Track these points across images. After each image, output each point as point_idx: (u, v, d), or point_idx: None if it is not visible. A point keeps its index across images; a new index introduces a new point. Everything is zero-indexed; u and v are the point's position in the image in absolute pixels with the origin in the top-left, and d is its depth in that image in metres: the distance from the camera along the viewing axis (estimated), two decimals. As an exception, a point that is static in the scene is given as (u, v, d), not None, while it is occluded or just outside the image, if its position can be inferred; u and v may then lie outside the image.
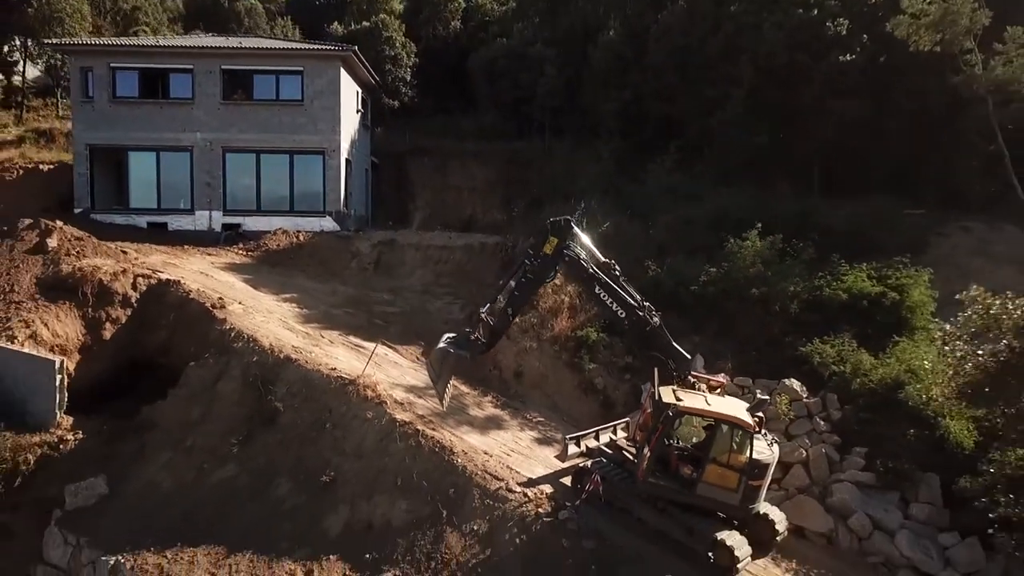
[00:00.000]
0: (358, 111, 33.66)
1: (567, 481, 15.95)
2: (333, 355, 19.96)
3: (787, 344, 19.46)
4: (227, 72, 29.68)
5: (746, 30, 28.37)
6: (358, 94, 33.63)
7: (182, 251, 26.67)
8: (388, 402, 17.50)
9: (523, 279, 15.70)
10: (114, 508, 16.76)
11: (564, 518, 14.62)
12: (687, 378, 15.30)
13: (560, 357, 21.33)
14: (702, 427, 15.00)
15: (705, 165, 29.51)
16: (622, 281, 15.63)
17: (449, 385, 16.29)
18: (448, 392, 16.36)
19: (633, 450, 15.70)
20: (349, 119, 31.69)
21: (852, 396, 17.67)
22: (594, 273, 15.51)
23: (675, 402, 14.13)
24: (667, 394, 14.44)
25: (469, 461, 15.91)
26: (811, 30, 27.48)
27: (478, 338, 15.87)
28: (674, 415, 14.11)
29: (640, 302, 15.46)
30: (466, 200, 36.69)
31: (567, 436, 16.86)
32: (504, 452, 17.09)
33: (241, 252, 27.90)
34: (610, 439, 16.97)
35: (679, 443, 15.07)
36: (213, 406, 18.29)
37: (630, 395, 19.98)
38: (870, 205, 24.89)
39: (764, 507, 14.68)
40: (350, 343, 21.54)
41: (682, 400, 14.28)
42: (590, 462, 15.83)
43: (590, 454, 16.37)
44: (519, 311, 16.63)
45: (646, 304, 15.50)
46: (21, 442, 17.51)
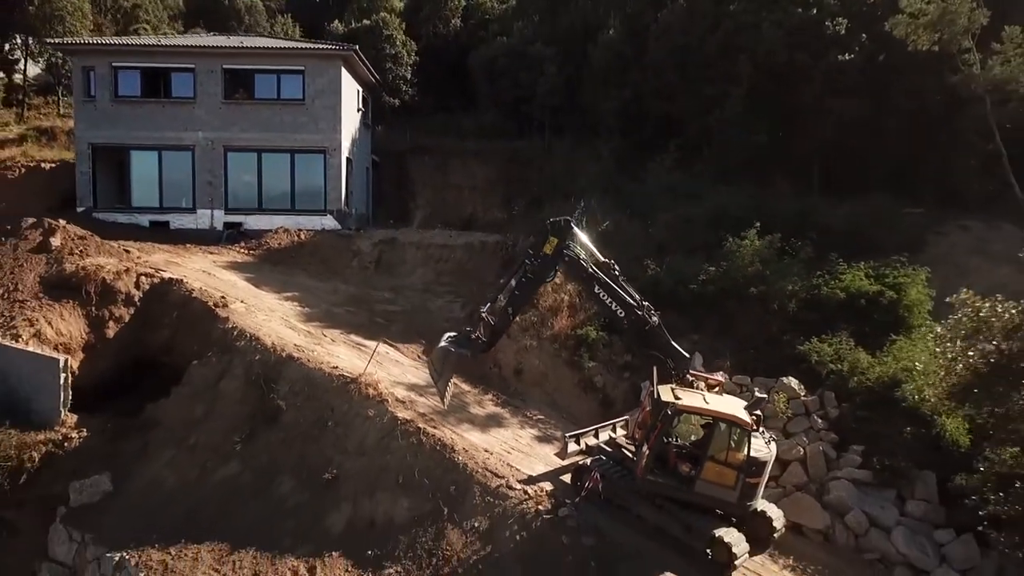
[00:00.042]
0: (359, 110, 33.74)
1: (567, 478, 16.05)
2: (335, 354, 20.07)
3: (785, 343, 19.59)
4: (228, 71, 29.78)
5: (745, 29, 28.40)
6: (359, 93, 33.70)
7: (184, 250, 26.74)
8: (390, 400, 17.60)
9: (523, 279, 15.86)
10: (118, 505, 16.89)
11: (564, 515, 14.72)
12: (686, 377, 15.44)
13: (560, 355, 21.47)
14: (700, 425, 15.11)
15: (705, 164, 29.56)
16: (621, 281, 15.79)
17: (450, 383, 16.45)
18: (449, 390, 16.51)
19: (632, 448, 15.83)
20: (350, 118, 31.78)
21: (849, 394, 17.82)
22: (593, 273, 15.66)
23: (674, 400, 14.25)
24: (666, 393, 14.56)
25: (470, 459, 16.02)
26: (810, 29, 27.56)
27: (479, 337, 16.02)
28: (673, 413, 14.25)
29: (639, 301, 15.61)
30: (467, 199, 36.71)
31: (567, 434, 17.00)
32: (504, 450, 17.19)
33: (243, 251, 27.97)
34: (609, 437, 17.13)
35: (678, 441, 15.19)
36: (216, 404, 18.41)
37: (629, 393, 20.10)
38: (869, 204, 24.95)
39: (762, 504, 14.79)
40: (352, 342, 21.64)
41: (681, 399, 14.40)
42: (590, 460, 15.93)
43: (590, 452, 16.52)
44: (519, 310, 16.79)
45: (645, 303, 15.65)
46: (26, 440, 17.61)
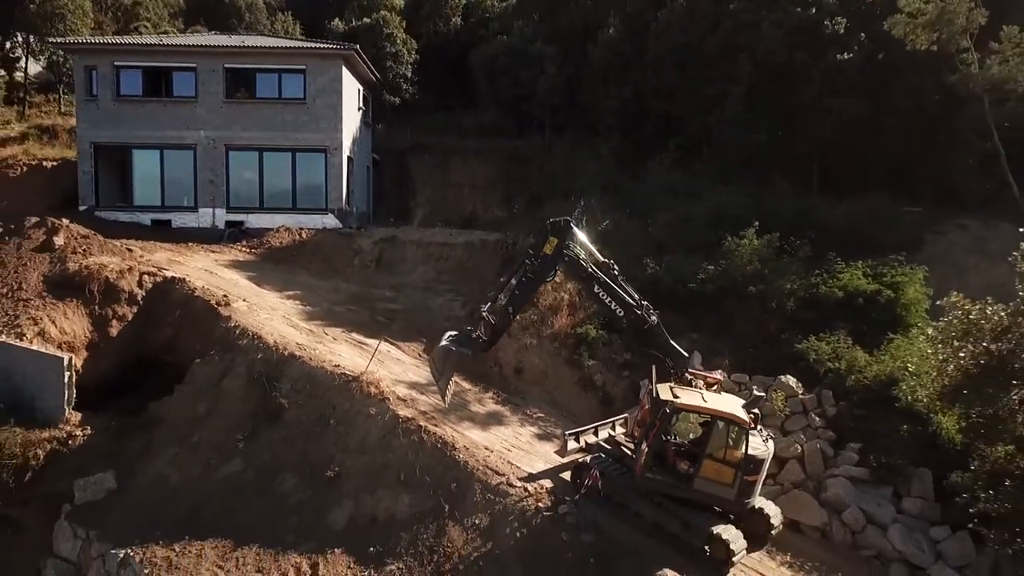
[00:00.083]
0: (359, 108, 33.84)
1: (567, 476, 16.17)
2: (336, 352, 20.20)
3: (783, 341, 19.75)
4: (230, 71, 29.85)
5: (745, 28, 28.50)
6: (359, 92, 33.79)
7: (186, 248, 26.83)
8: (391, 398, 17.74)
9: (524, 278, 15.97)
10: (122, 502, 17.04)
11: (564, 512, 14.86)
12: (684, 375, 15.58)
13: (560, 354, 21.60)
14: (699, 423, 15.24)
15: (704, 163, 29.69)
16: (620, 280, 15.91)
17: (451, 382, 16.56)
18: (450, 389, 16.62)
19: (631, 446, 15.99)
20: (351, 117, 31.88)
21: (847, 392, 17.99)
22: (593, 272, 15.79)
23: (672, 399, 14.39)
24: (664, 391, 14.69)
25: (471, 456, 16.16)
26: (809, 28, 27.66)
27: (479, 336, 16.12)
28: (671, 412, 14.39)
29: (638, 301, 15.74)
30: (467, 197, 36.77)
31: (567, 432, 17.10)
32: (505, 448, 17.33)
33: (244, 249, 28.07)
34: (609, 435, 17.24)
35: (676, 439, 15.32)
36: (219, 402, 18.54)
37: (629, 391, 20.23)
38: (868, 203, 25.07)
39: (759, 502, 14.92)
40: (353, 340, 21.77)
41: (679, 397, 14.54)
42: (589, 457, 16.05)
43: (589, 450, 16.63)
44: (520, 310, 16.91)
45: (644, 303, 15.78)
46: (31, 438, 17.77)
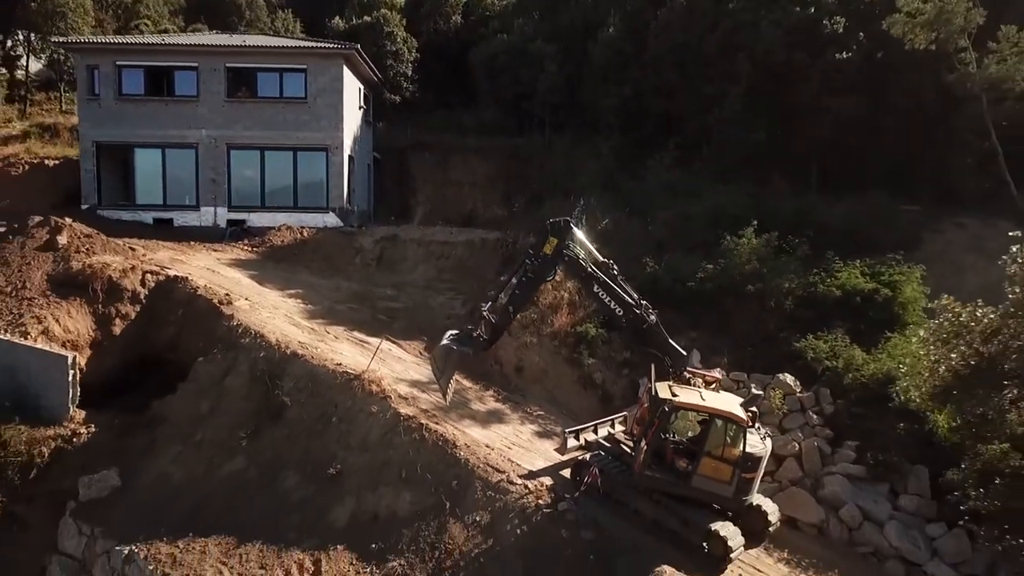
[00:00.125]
0: (360, 107, 33.96)
1: (566, 473, 16.31)
2: (338, 350, 20.33)
3: (782, 340, 19.87)
4: (231, 70, 29.97)
5: (744, 27, 28.57)
6: (360, 90, 33.90)
7: (188, 247, 26.98)
8: (392, 397, 17.85)
9: (524, 278, 16.10)
10: (127, 500, 17.19)
11: (563, 509, 14.99)
12: (683, 374, 15.71)
13: (560, 352, 21.74)
14: (697, 422, 15.37)
15: (704, 162, 29.75)
16: (620, 280, 16.05)
17: (452, 380, 16.70)
18: (451, 387, 16.76)
19: (630, 443, 16.13)
20: (351, 116, 31.99)
21: (844, 391, 18.13)
22: (592, 272, 15.92)
23: (671, 397, 14.52)
24: (663, 390, 14.83)
25: (471, 454, 16.28)
26: (808, 28, 27.72)
27: (480, 335, 16.24)
28: (670, 410, 14.52)
29: (637, 300, 15.87)
30: (467, 195, 36.88)
31: (566, 430, 17.23)
32: (505, 445, 17.46)
33: (246, 248, 28.23)
34: (608, 433, 17.35)
35: (675, 437, 15.46)
36: (221, 401, 18.68)
37: (628, 389, 20.36)
38: (866, 202, 25.15)
39: (757, 499, 15.06)
40: (354, 338, 21.91)
41: (678, 396, 14.67)
42: (589, 455, 16.19)
43: (589, 447, 16.76)
44: (520, 309, 17.03)
45: (643, 302, 15.91)
46: (36, 435, 17.95)
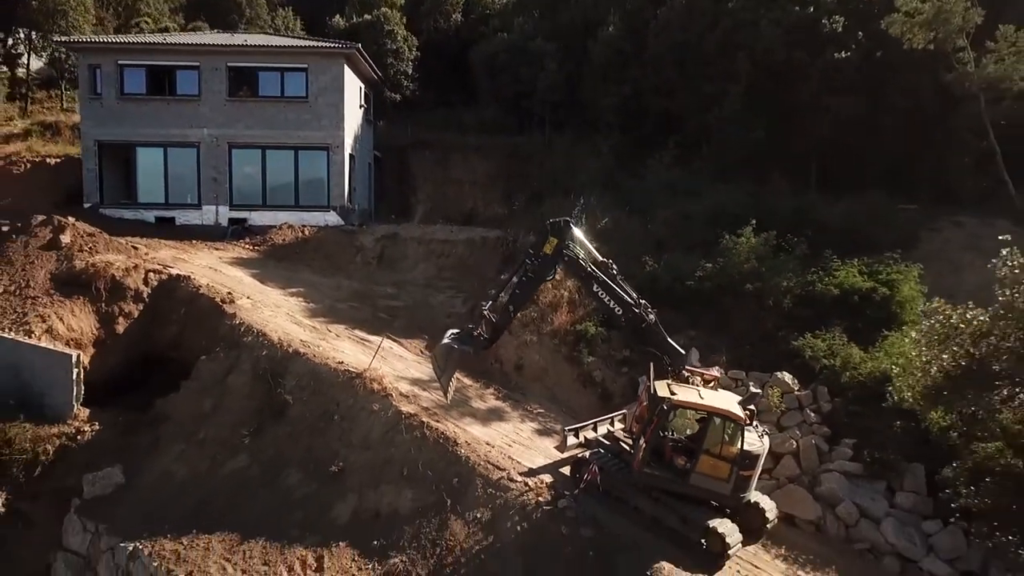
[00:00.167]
0: (361, 106, 34.05)
1: (566, 471, 16.45)
2: (340, 349, 20.48)
3: (780, 338, 19.99)
4: (233, 69, 30.04)
5: (744, 26, 28.66)
6: (361, 89, 33.99)
7: (190, 246, 27.12)
8: (394, 395, 18.00)
9: (524, 278, 16.24)
10: (131, 497, 17.34)
11: (563, 506, 15.14)
12: (681, 372, 15.86)
13: (559, 350, 21.90)
14: (695, 420, 15.53)
15: (704, 161, 29.87)
16: (619, 279, 16.19)
17: (453, 379, 16.86)
18: (452, 386, 16.92)
19: (630, 441, 16.20)
20: (352, 115, 32.10)
21: (842, 389, 18.25)
22: (592, 272, 16.06)
23: (669, 396, 14.65)
24: (662, 388, 14.97)
25: (472, 452, 16.43)
26: (807, 27, 27.82)
27: (481, 334, 16.38)
28: (668, 408, 14.66)
29: (636, 300, 16.00)
30: (467, 193, 36.94)
31: (566, 427, 17.35)
32: (506, 443, 17.61)
33: (248, 246, 28.37)
34: (608, 430, 17.43)
35: (673, 435, 15.58)
36: (224, 399, 18.83)
37: (627, 387, 20.51)
38: (865, 201, 25.29)
39: (755, 496, 15.19)
40: (356, 337, 22.06)
41: (676, 394, 14.79)
42: (588, 453, 16.33)
43: (588, 445, 16.87)
44: (520, 308, 17.17)
45: (642, 302, 16.04)
46: (40, 433, 18.10)
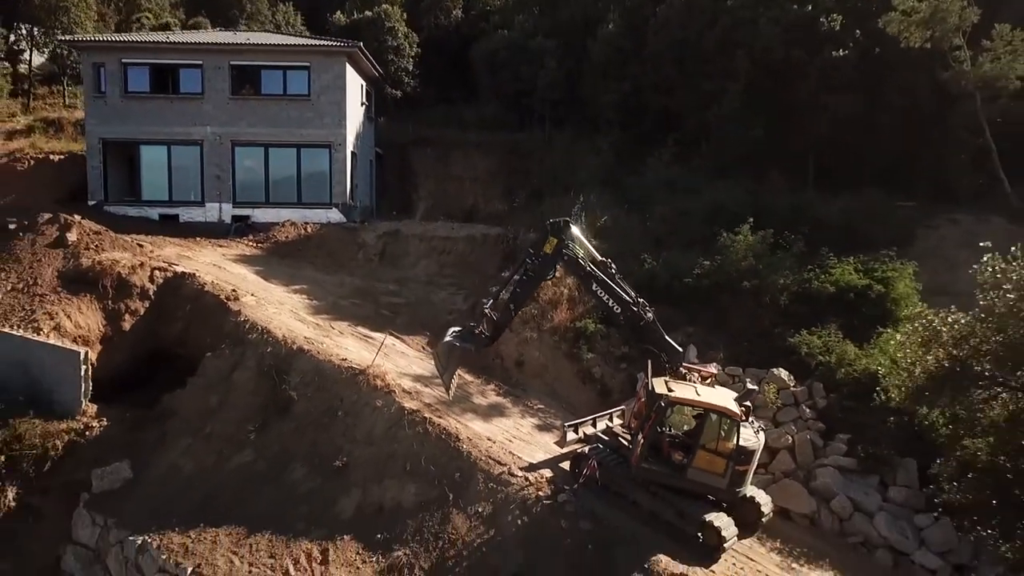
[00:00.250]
0: (362, 104, 34.23)
1: (566, 466, 16.75)
2: (343, 345, 20.75)
3: (776, 335, 20.31)
4: (235, 68, 30.17)
5: (742, 25, 28.93)
6: (362, 87, 34.16)
7: (194, 243, 27.36)
8: (397, 391, 18.24)
9: (524, 276, 16.52)
10: (138, 491, 17.62)
11: (563, 501, 15.43)
12: (679, 369, 16.16)
13: (559, 347, 22.17)
14: (692, 416, 15.87)
15: (702, 158, 30.12)
16: (618, 278, 16.48)
17: (455, 375, 17.15)
18: (454, 382, 17.21)
19: (628, 437, 16.58)
20: (354, 112, 32.30)
21: (837, 385, 18.61)
22: (591, 271, 16.35)
23: (667, 393, 14.97)
24: (660, 385, 15.30)
25: (474, 447, 16.71)
26: (806, 25, 28.04)
27: (482, 332, 16.65)
28: (666, 405, 14.98)
29: (635, 298, 16.30)
30: (468, 190, 37.11)
31: (566, 423, 17.68)
32: (506, 438, 17.89)
33: (251, 244, 28.60)
34: (607, 426, 17.81)
35: (671, 431, 15.93)
36: (230, 395, 19.08)
37: (626, 383, 20.83)
38: (862, 198, 25.56)
39: (751, 490, 15.50)
40: (359, 334, 22.34)
41: (673, 391, 15.11)
42: (588, 448, 16.64)
43: (588, 440, 17.19)
44: (521, 306, 17.43)
45: (640, 300, 16.34)
46: (49, 429, 18.38)
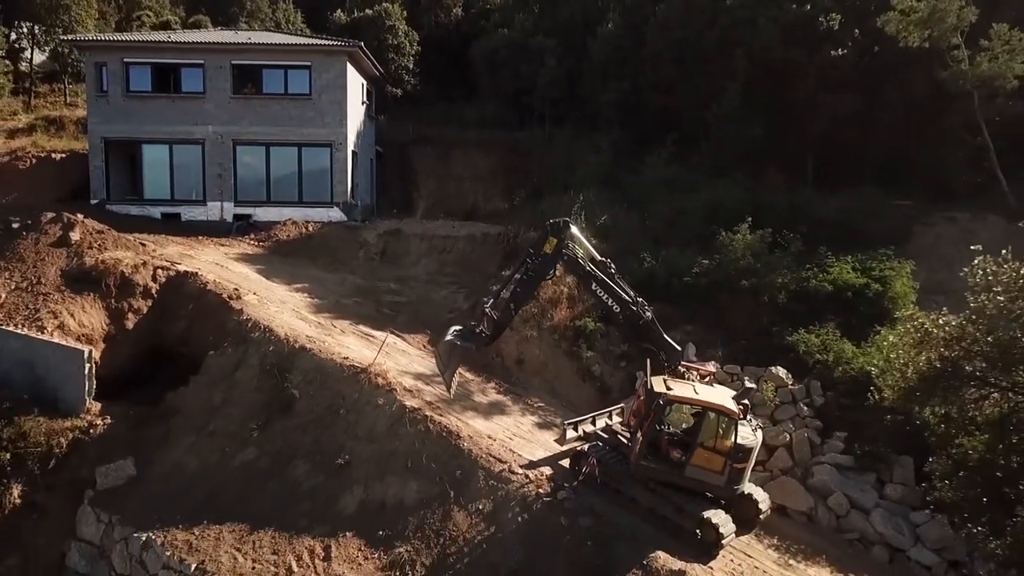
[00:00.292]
0: (363, 103, 34.34)
1: (566, 463, 16.91)
2: (345, 344, 20.92)
3: (774, 334, 20.43)
4: (237, 67, 30.29)
5: (742, 24, 28.98)
6: (363, 86, 34.27)
7: (196, 242, 27.51)
8: (398, 389, 18.43)
9: (525, 276, 16.69)
10: (142, 488, 17.83)
11: (563, 498, 15.60)
12: (677, 368, 16.36)
13: (559, 345, 22.32)
14: (691, 414, 16.04)
15: (701, 157, 30.21)
16: (617, 278, 16.65)
17: (456, 374, 17.30)
18: (455, 381, 17.34)
19: (627, 434, 16.75)
20: (355, 111, 32.42)
21: (834, 383, 18.77)
22: (591, 271, 16.52)
23: (665, 391, 15.16)
24: (658, 384, 15.48)
25: (474, 445, 16.89)
26: (804, 25, 28.12)
27: (483, 331, 16.80)
28: (664, 403, 15.15)
29: (634, 298, 16.47)
30: (468, 189, 37.23)
31: (566, 421, 17.85)
32: (507, 436, 18.06)
33: (253, 242, 28.76)
34: (606, 424, 18.00)
35: (669, 428, 16.08)
36: (233, 393, 19.27)
37: (625, 381, 20.97)
38: (860, 197, 25.67)
39: (748, 487, 15.70)
40: (360, 332, 22.50)
41: (672, 389, 15.30)
42: (587, 446, 16.79)
43: (587, 438, 17.37)
44: (521, 305, 17.56)
45: (639, 300, 16.52)
46: (54, 427, 18.58)
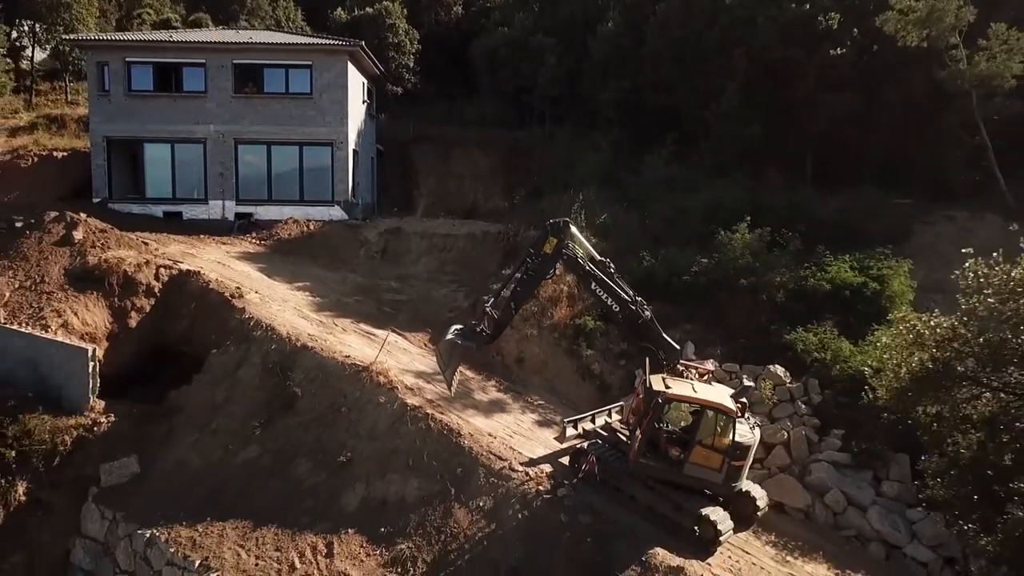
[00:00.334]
0: (364, 102, 34.43)
1: (565, 461, 17.07)
2: (346, 342, 21.07)
3: (773, 332, 20.57)
4: (238, 66, 30.37)
5: (741, 23, 29.07)
6: (364, 85, 34.36)
7: (198, 240, 27.66)
8: (399, 387, 18.59)
9: (525, 275, 16.86)
10: (146, 486, 18.03)
11: (562, 495, 15.77)
12: (676, 366, 16.52)
13: (559, 344, 22.47)
14: (689, 412, 16.16)
15: (701, 156, 30.26)
16: (616, 277, 16.81)
17: (456, 373, 17.52)
18: (456, 379, 17.58)
19: (626, 432, 16.94)
20: (356, 110, 32.53)
21: (832, 381, 18.92)
22: (590, 270, 16.68)
23: (664, 390, 15.31)
24: (657, 382, 15.63)
25: (475, 442, 17.05)
26: (804, 24, 28.18)
27: (483, 330, 16.98)
28: (663, 401, 15.31)
29: (633, 297, 16.62)
30: (468, 187, 37.31)
31: (565, 419, 17.98)
32: (507, 434, 18.23)
33: (254, 241, 28.90)
34: (605, 422, 18.14)
35: (668, 426, 16.23)
36: (235, 391, 19.45)
37: (625, 380, 21.11)
38: (859, 196, 25.78)
39: (746, 485, 15.86)
40: (361, 330, 22.65)
41: (670, 388, 15.46)
42: (587, 443, 16.96)
43: (587, 436, 17.52)
44: (521, 304, 17.75)
45: (638, 299, 16.68)
46: (58, 424, 18.76)
